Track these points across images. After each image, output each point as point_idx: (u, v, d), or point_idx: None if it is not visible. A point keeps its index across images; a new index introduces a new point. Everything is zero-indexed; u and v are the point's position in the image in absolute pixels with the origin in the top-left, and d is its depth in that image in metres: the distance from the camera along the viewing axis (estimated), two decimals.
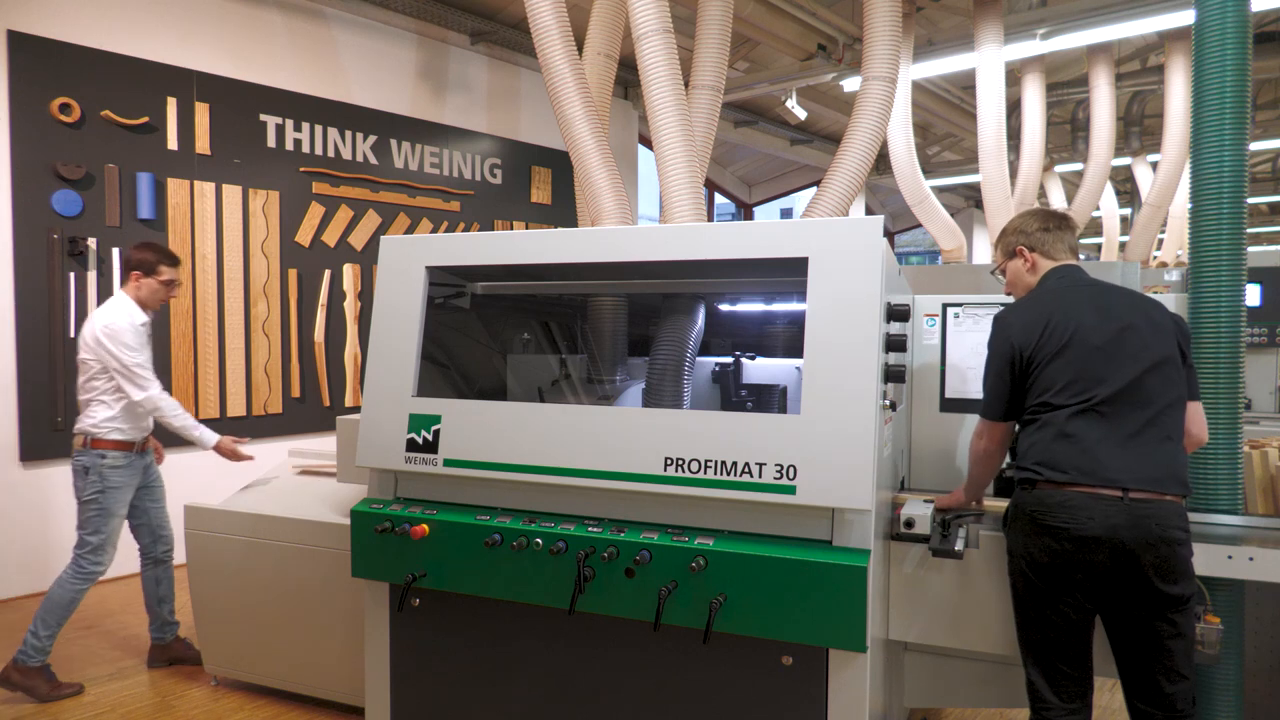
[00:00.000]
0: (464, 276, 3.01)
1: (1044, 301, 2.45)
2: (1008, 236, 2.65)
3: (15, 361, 4.90)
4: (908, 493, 2.97)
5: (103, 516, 3.63)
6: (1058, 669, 2.33)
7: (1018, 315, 2.45)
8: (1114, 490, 2.24)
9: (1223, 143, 2.65)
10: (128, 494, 3.70)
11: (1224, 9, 2.63)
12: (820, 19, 6.90)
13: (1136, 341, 2.33)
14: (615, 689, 2.53)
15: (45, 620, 3.60)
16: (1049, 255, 2.58)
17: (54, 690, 3.62)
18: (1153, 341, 2.33)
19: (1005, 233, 2.67)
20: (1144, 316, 2.37)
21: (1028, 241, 2.59)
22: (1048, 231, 2.58)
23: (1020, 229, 2.62)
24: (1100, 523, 2.22)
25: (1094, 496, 2.24)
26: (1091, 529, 2.23)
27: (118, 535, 3.72)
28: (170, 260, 3.76)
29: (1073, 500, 2.25)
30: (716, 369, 3.41)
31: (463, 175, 7.28)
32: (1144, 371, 2.30)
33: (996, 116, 6.51)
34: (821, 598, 2.20)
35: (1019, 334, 2.40)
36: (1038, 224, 2.60)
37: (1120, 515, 2.22)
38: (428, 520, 2.65)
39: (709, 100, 3.57)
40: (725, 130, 10.13)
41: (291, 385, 6.19)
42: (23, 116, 4.89)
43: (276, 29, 6.09)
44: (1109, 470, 2.25)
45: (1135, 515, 2.22)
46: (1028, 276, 2.60)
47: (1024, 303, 2.50)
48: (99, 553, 3.64)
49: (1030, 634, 2.36)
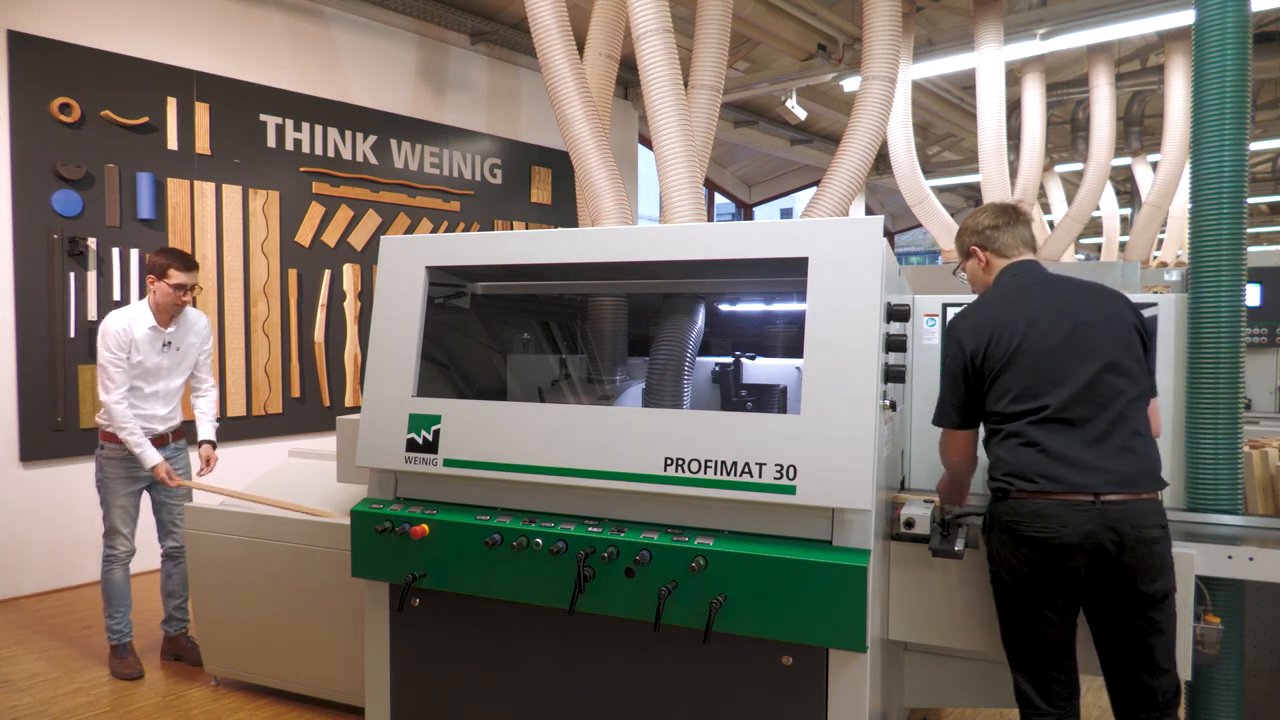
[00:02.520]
0: (464, 276, 3.00)
1: (993, 305, 2.42)
2: (962, 236, 2.61)
3: (15, 361, 4.90)
4: (908, 493, 2.98)
5: (105, 504, 3.83)
6: (1045, 674, 2.32)
7: (966, 321, 2.41)
8: (1085, 495, 2.21)
9: (1223, 143, 2.65)
10: (123, 485, 3.81)
11: (1224, 9, 2.63)
12: (820, 19, 6.90)
13: (1090, 338, 2.28)
14: (615, 689, 2.53)
15: (105, 606, 3.88)
16: (1001, 253, 2.53)
17: (118, 668, 3.87)
18: (1108, 337, 2.29)
19: (960, 232, 2.63)
20: (1098, 311, 2.32)
21: (979, 240, 2.56)
22: (998, 229, 2.53)
23: (972, 228, 2.58)
24: (1074, 529, 2.20)
25: (1066, 504, 2.22)
26: (1066, 536, 2.21)
27: (125, 523, 3.84)
28: (182, 264, 3.75)
29: (1046, 509, 2.23)
30: (716, 369, 3.41)
31: (463, 175, 7.28)
32: (1102, 369, 2.26)
33: (996, 116, 6.51)
34: (821, 598, 2.20)
35: (969, 340, 2.37)
36: (988, 220, 2.55)
37: (1094, 520, 2.20)
38: (428, 520, 2.65)
39: (708, 100, 3.57)
40: (725, 130, 10.13)
41: (291, 385, 6.19)
42: (23, 116, 4.89)
43: (276, 29, 6.09)
44: (1078, 476, 2.22)
45: (1109, 518, 2.20)
46: (984, 275, 2.57)
47: (974, 306, 2.47)
48: (110, 538, 3.84)
49: (1015, 640, 2.35)
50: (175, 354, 3.85)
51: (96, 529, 5.09)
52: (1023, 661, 2.35)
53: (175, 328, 3.84)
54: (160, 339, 3.78)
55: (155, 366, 3.79)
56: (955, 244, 2.67)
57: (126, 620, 3.89)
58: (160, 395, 3.83)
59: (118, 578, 3.84)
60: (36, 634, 4.41)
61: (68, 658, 4.07)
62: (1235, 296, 2.67)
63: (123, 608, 3.86)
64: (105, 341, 3.66)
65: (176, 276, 3.73)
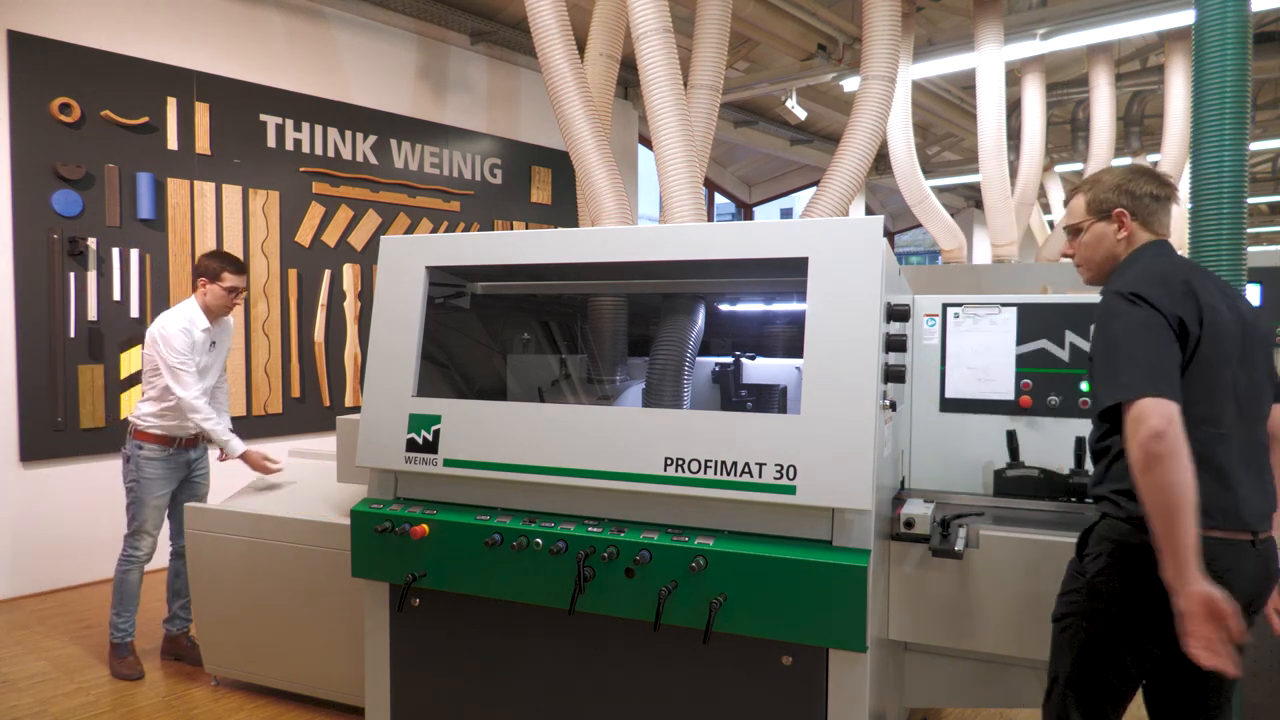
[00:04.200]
0: (464, 276, 3.00)
1: (1179, 271, 1.93)
2: (1105, 192, 2.11)
3: (15, 361, 4.90)
4: (908, 493, 2.98)
5: (137, 504, 3.82)
6: (1107, 715, 2.00)
7: (1146, 286, 1.88)
8: (1246, 534, 1.84)
9: (1223, 143, 2.65)
10: (161, 486, 3.83)
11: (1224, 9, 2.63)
12: (820, 19, 6.90)
13: (1255, 341, 1.94)
14: (615, 689, 2.53)
15: (113, 603, 3.88)
16: (1152, 227, 2.09)
17: (118, 668, 3.87)
18: (1263, 341, 1.97)
19: (1100, 185, 2.13)
20: (1251, 310, 2.00)
21: (1133, 206, 2.08)
22: (1159, 201, 2.09)
23: (1127, 188, 2.09)
24: (1242, 576, 1.81)
25: (1232, 545, 1.81)
26: (1239, 585, 1.79)
27: (156, 524, 3.86)
28: (235, 268, 3.88)
29: (1212, 551, 1.75)
30: (716, 369, 3.41)
31: (463, 175, 7.28)
32: (1263, 377, 1.94)
33: (996, 116, 6.51)
34: (821, 598, 2.20)
35: (1164, 300, 1.85)
36: (1151, 187, 2.09)
37: (1254, 564, 1.85)
38: (428, 520, 2.65)
39: (707, 100, 3.57)
40: (725, 130, 10.13)
41: (291, 385, 6.19)
42: (23, 116, 4.89)
43: (276, 29, 6.09)
44: (1247, 507, 1.83)
45: (1264, 560, 1.87)
46: (1116, 247, 2.10)
47: (1148, 271, 1.95)
48: (136, 538, 3.84)
49: (1089, 680, 1.98)
50: (215, 353, 3.98)
51: (97, 529, 5.13)
52: (1087, 702, 1.99)
53: (218, 327, 3.96)
54: (209, 339, 3.90)
55: (203, 366, 3.88)
56: (1086, 195, 2.15)
57: (132, 620, 3.91)
58: (203, 394, 3.88)
59: (134, 578, 3.87)
60: (36, 634, 4.41)
61: (68, 658, 4.07)
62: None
63: (131, 608, 3.89)
64: (171, 344, 3.71)
65: (230, 280, 3.85)
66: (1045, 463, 2.90)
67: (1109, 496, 1.94)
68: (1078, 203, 2.17)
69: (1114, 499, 1.92)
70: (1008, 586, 2.43)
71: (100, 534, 5.11)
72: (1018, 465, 2.90)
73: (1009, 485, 2.89)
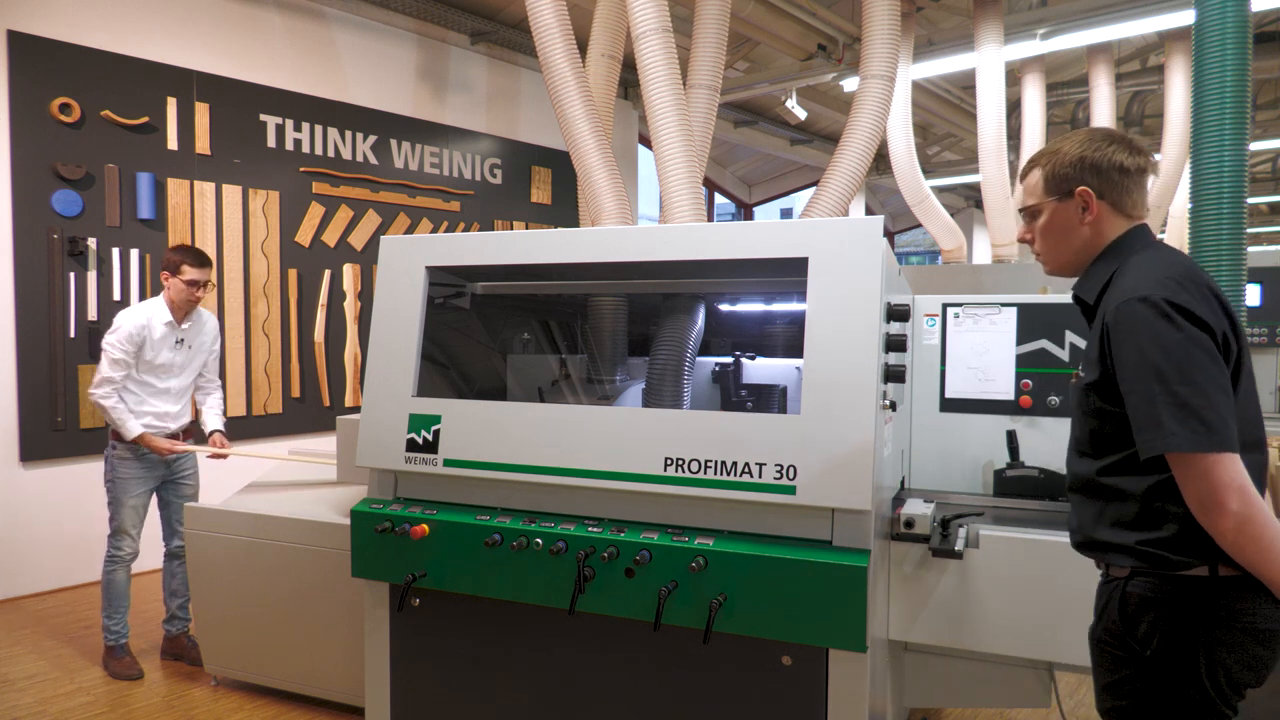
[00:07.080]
0: (464, 276, 3.01)
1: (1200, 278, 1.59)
2: (1064, 167, 1.71)
3: (15, 361, 4.90)
4: (908, 492, 2.98)
5: (115, 504, 3.81)
6: None
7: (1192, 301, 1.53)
8: None
9: (1223, 143, 2.65)
10: (137, 485, 3.81)
11: (1224, 9, 2.63)
12: (820, 19, 6.90)
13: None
14: (615, 689, 2.53)
15: (103, 606, 3.88)
16: (1124, 209, 1.70)
17: (116, 669, 3.85)
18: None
19: (1060, 157, 1.72)
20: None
21: (1100, 184, 1.69)
22: (1128, 174, 1.68)
23: (1091, 160, 1.68)
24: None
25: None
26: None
27: (134, 524, 3.84)
28: (195, 260, 3.83)
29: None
30: (716, 369, 3.41)
31: (463, 175, 7.28)
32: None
33: (996, 116, 6.51)
34: (821, 598, 2.20)
35: (1208, 313, 1.54)
36: (1120, 156, 1.68)
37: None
38: (428, 520, 2.65)
39: (706, 99, 3.58)
40: (725, 130, 10.13)
41: (291, 385, 6.19)
42: (23, 116, 4.89)
43: (276, 29, 6.09)
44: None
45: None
46: (1082, 232, 1.72)
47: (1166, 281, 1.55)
48: (117, 538, 3.83)
49: None
50: (187, 352, 3.92)
51: (96, 529, 5.11)
52: None
53: (189, 325, 3.91)
54: (174, 335, 3.85)
55: (168, 363, 3.84)
56: (1043, 170, 1.75)
57: (124, 621, 3.90)
58: (172, 392, 3.88)
59: (120, 579, 3.85)
60: (36, 634, 4.41)
61: (67, 658, 4.07)
62: (1235, 296, 2.67)
63: (122, 609, 3.88)
64: (114, 331, 3.71)
65: (190, 273, 3.79)
66: (1045, 463, 2.90)
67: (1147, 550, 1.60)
68: (1034, 178, 1.77)
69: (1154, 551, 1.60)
70: (1008, 586, 2.43)
71: (100, 534, 5.05)
72: (1018, 465, 2.90)
73: (1009, 485, 2.89)
